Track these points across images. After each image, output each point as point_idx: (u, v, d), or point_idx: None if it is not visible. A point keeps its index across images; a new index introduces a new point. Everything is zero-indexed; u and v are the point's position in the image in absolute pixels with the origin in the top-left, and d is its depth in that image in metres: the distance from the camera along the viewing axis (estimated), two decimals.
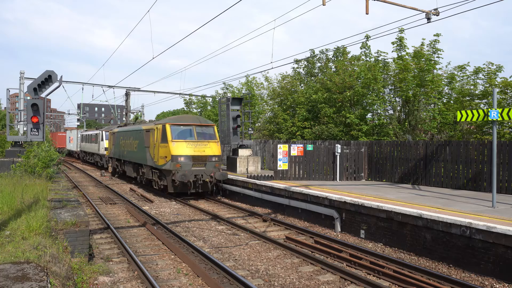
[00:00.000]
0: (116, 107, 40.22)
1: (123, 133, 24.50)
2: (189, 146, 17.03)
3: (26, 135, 8.95)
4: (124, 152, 23.70)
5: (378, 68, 23.04)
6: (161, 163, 17.37)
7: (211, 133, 18.13)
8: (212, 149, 17.48)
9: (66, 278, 5.97)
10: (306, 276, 7.92)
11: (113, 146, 27.05)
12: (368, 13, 10.02)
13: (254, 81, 36.35)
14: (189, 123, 17.84)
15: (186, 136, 17.39)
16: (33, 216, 7.84)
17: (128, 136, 23.05)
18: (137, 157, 21.03)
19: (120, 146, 24.70)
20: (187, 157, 16.76)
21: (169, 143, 16.84)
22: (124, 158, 23.87)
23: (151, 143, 18.61)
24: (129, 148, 22.68)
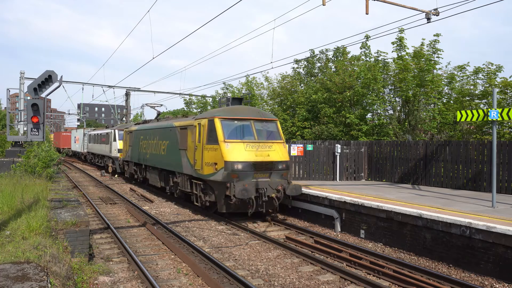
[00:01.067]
0: (116, 107, 40.25)
1: (145, 132, 20.30)
2: (249, 148, 12.41)
3: (26, 135, 8.94)
4: (146, 156, 19.54)
5: (378, 68, 23.04)
6: (207, 172, 12.71)
7: (273, 130, 13.51)
8: (278, 152, 12.83)
9: (66, 278, 5.98)
10: (306, 276, 7.93)
11: (129, 147, 23.00)
12: (368, 13, 10.03)
13: (254, 81, 36.37)
14: (247, 117, 13.13)
15: (243, 135, 12.85)
16: (33, 216, 7.85)
17: (152, 136, 18.89)
18: (166, 162, 16.74)
19: (140, 148, 20.65)
20: (247, 164, 12.09)
21: (221, 144, 12.22)
22: (146, 163, 19.65)
23: (190, 145, 14.23)
24: (153, 151, 18.48)
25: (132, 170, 22.98)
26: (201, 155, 13.07)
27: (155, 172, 18.76)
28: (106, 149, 30.07)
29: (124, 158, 24.69)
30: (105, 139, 30.82)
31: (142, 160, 20.36)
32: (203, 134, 13.16)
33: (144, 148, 19.92)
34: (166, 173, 17.30)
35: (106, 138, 30.33)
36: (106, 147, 30.11)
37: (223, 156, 11.98)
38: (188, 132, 14.47)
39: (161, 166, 17.43)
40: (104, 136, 31.18)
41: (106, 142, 30.42)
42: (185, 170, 14.54)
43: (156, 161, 18.09)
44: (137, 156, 21.34)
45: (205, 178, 12.87)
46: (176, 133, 15.79)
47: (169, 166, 16.30)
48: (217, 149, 12.32)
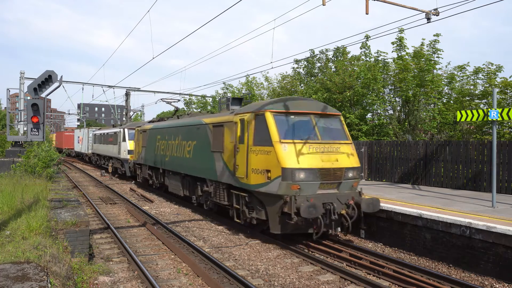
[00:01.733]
0: (116, 107, 40.24)
1: (163, 131, 17.55)
2: (313, 151, 9.65)
3: (26, 135, 8.94)
4: (165, 158, 16.79)
5: (378, 68, 23.05)
6: (254, 181, 9.92)
7: (338, 128, 10.76)
8: (348, 156, 10.09)
9: (66, 278, 5.98)
10: (306, 276, 7.93)
11: (143, 148, 20.22)
12: (368, 13, 10.02)
13: (254, 81, 36.39)
14: (306, 111, 10.40)
15: (303, 134, 10.00)
16: (33, 216, 7.85)
17: (173, 135, 16.22)
18: (192, 167, 14.02)
19: (157, 149, 17.87)
20: (312, 172, 9.36)
21: (276, 146, 9.45)
22: (165, 167, 16.92)
23: (227, 146, 11.43)
24: (174, 153, 15.78)
25: (146, 175, 20.06)
26: (246, 160, 10.28)
27: (177, 178, 15.87)
28: (114, 150, 27.01)
29: (135, 160, 21.89)
30: (112, 139, 27.75)
31: (160, 163, 17.53)
32: (248, 133, 10.38)
33: (162, 149, 17.20)
34: (192, 180, 14.47)
35: (114, 138, 27.30)
36: (114, 148, 27.04)
37: (280, 162, 9.25)
38: (225, 130, 11.65)
39: (185, 172, 14.69)
40: (112, 136, 27.98)
41: (114, 142, 27.30)
42: (221, 177, 11.76)
43: (178, 165, 15.31)
44: (152, 159, 18.57)
45: (251, 189, 10.12)
46: (206, 132, 12.99)
47: (197, 171, 13.61)
48: (270, 152, 9.56)
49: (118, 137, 26.22)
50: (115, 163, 27.40)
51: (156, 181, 18.92)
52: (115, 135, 27.19)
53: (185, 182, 15.18)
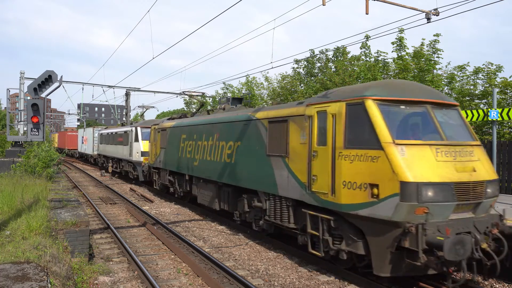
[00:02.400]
0: (116, 107, 40.20)
1: (190, 129, 14.47)
2: (442, 157, 6.83)
3: (26, 135, 8.94)
4: (194, 163, 13.77)
5: (378, 68, 23.05)
6: (348, 200, 7.15)
7: (460, 124, 7.87)
8: (483, 164, 7.23)
9: (66, 278, 5.98)
10: (306, 276, 7.93)
11: (161, 150, 17.26)
12: (368, 13, 10.02)
13: (254, 81, 36.37)
14: (420, 99, 7.44)
15: (422, 132, 7.38)
16: (33, 216, 7.85)
17: (205, 134, 13.11)
18: (235, 174, 11.11)
19: (182, 151, 14.93)
20: (445, 187, 6.55)
21: (388, 149, 6.66)
22: (194, 173, 13.94)
23: (295, 148, 8.69)
24: (207, 155, 12.80)
25: (165, 181, 17.02)
26: (331, 168, 7.48)
27: (210, 188, 12.78)
28: (124, 151, 24.06)
29: (152, 163, 18.86)
30: (122, 139, 24.78)
31: (186, 168, 14.53)
32: (335, 131, 7.56)
33: (189, 151, 14.19)
34: (233, 191, 11.45)
35: (125, 137, 24.27)
36: (124, 149, 24.10)
37: (397, 173, 6.42)
38: (291, 127, 8.84)
39: (223, 180, 11.62)
40: (122, 136, 25.05)
41: (124, 142, 24.41)
42: (284, 190, 8.93)
43: (212, 171, 12.22)
44: (175, 163, 15.60)
45: (341, 211, 7.29)
46: (258, 130, 10.08)
47: (243, 181, 10.63)
48: (377, 158, 6.74)
49: (129, 137, 23.27)
50: (126, 166, 24.54)
51: (180, 190, 15.84)
52: (125, 134, 24.26)
53: (222, 193, 11.98)
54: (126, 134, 24.22)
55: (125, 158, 24.11)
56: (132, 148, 22.64)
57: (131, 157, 22.70)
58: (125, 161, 24.57)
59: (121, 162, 25.92)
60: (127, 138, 23.94)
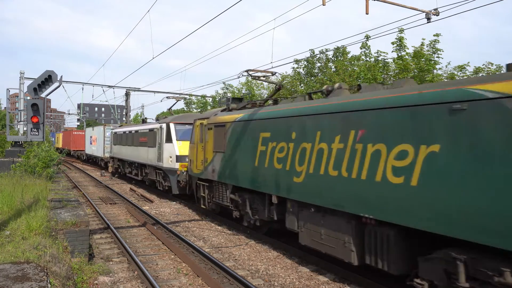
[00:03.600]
0: (116, 107, 40.20)
1: (282, 123, 9.20)
2: None
3: (26, 135, 8.95)
4: (292, 178, 8.60)
5: (378, 68, 23.04)
6: None
7: None
8: None
9: (66, 278, 5.98)
10: (306, 276, 7.93)
11: (216, 155, 12.16)
12: (368, 13, 10.03)
13: (254, 81, 36.37)
14: None
15: None
16: (33, 216, 7.85)
17: (320, 131, 7.94)
18: (421, 207, 5.79)
19: (262, 158, 9.78)
20: None
21: None
22: (293, 196, 8.70)
23: None
24: (328, 168, 7.63)
25: (224, 201, 11.93)
26: None
27: (337, 224, 7.57)
28: (150, 155, 19.07)
29: (196, 173, 13.77)
30: (147, 139, 19.73)
31: (271, 185, 9.40)
32: None
33: (280, 158, 9.03)
34: (405, 237, 6.41)
35: (150, 137, 19.24)
36: (150, 152, 19.06)
37: None
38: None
39: (383, 217, 6.51)
40: (146, 135, 20.00)
41: (149, 143, 19.32)
42: None
43: (345, 195, 7.21)
44: (245, 174, 10.50)
45: None
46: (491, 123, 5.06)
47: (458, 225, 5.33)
48: None
49: (158, 136, 18.17)
50: (151, 174, 19.39)
51: (254, 217, 10.54)
52: (151, 133, 19.20)
53: (372, 237, 6.85)
54: (152, 133, 19.03)
55: (151, 163, 18.91)
56: (162, 151, 17.34)
57: (160, 163, 17.47)
58: (151, 168, 19.32)
59: (144, 168, 20.73)
60: (153, 137, 18.73)
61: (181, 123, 17.39)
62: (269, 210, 9.79)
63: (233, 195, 11.39)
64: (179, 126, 17.30)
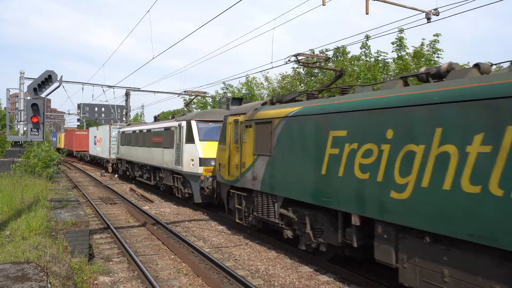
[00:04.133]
0: (116, 107, 40.21)
1: (388, 118, 6.34)
2: None
3: (26, 135, 8.96)
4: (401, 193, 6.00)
5: (378, 68, 23.06)
6: None
7: None
8: None
9: (66, 278, 5.98)
10: (306, 276, 7.93)
11: (258, 159, 9.92)
12: (368, 13, 10.03)
13: (254, 81, 36.38)
14: None
15: None
16: (33, 216, 7.86)
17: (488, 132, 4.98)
18: None
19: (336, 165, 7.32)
20: None
21: None
22: (395, 220, 6.10)
23: None
24: None
25: (271, 216, 9.52)
26: None
27: (482, 262, 5.10)
28: (166, 157, 16.80)
29: (229, 181, 11.42)
30: (162, 139, 17.54)
31: (349, 202, 7.09)
32: None
33: (369, 165, 6.67)
34: None
35: (167, 136, 17.01)
36: (166, 153, 16.80)
37: None
38: None
39: None
40: (161, 134, 17.75)
41: (165, 144, 17.10)
42: None
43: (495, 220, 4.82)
44: (308, 186, 8.12)
45: None
46: None
47: None
48: None
49: (176, 136, 15.78)
50: (167, 179, 17.04)
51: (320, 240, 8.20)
52: (167, 132, 16.98)
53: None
54: (168, 132, 16.74)
55: (167, 167, 16.60)
56: (182, 153, 14.93)
57: (179, 167, 15.15)
58: (167, 172, 16.90)
59: (158, 172, 18.36)
60: (170, 137, 16.46)
61: (205, 121, 14.80)
62: (343, 233, 7.43)
63: (284, 210, 9.00)
64: (202, 124, 14.72)
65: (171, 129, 16.44)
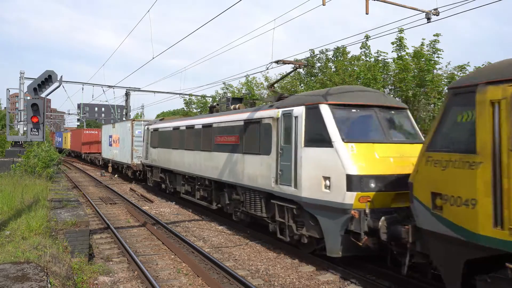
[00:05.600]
0: (116, 107, 40.15)
1: None
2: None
3: (26, 135, 8.96)
4: None
5: (378, 68, 23.05)
6: None
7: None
8: None
9: (66, 278, 5.98)
10: (306, 276, 7.93)
11: None
12: (368, 13, 10.01)
13: (254, 81, 36.37)
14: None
15: None
16: (33, 216, 7.86)
17: None
18: None
19: None
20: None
21: None
22: None
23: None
24: None
25: None
26: None
27: None
28: (253, 169, 10.33)
29: None
30: (240, 139, 11.18)
31: None
32: None
33: None
34: None
35: (252, 135, 10.63)
36: (253, 163, 10.39)
37: None
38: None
39: None
40: (239, 131, 11.30)
41: (249, 147, 10.68)
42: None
43: None
44: None
45: None
46: None
47: None
48: None
49: (277, 134, 9.46)
50: (254, 205, 10.45)
51: None
52: (252, 128, 10.66)
53: None
54: (257, 128, 10.37)
55: (255, 186, 10.25)
56: (299, 165, 8.56)
57: (290, 188, 8.78)
58: (254, 194, 10.44)
59: (230, 190, 11.87)
60: (262, 136, 10.08)
61: (351, 105, 8.38)
62: None
63: None
64: (345, 111, 8.31)
65: (263, 123, 9.93)
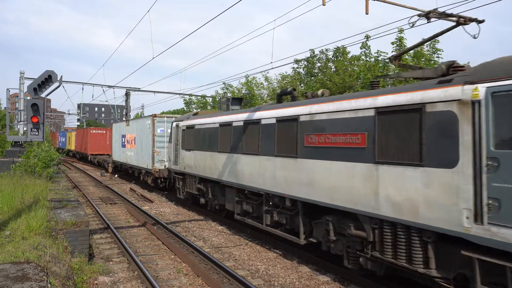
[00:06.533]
0: (116, 107, 40.14)
1: None
2: None
3: (26, 135, 8.97)
4: None
5: (378, 68, 23.05)
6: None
7: None
8: None
9: (66, 278, 5.98)
10: (306, 276, 7.93)
11: None
12: (368, 13, 10.01)
13: (254, 81, 36.37)
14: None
15: None
16: (33, 216, 7.86)
17: None
18: None
19: None
20: None
21: None
22: None
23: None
24: None
25: None
26: None
27: None
28: (446, 195, 5.36)
29: None
30: (365, 141, 6.76)
31: None
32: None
33: None
34: None
35: (436, 126, 5.63)
36: (433, 181, 5.56)
37: None
38: None
39: None
40: (360, 127, 6.90)
41: (432, 158, 5.63)
42: None
43: None
44: None
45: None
46: None
47: None
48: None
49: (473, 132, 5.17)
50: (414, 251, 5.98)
51: None
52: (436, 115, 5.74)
53: None
54: (429, 118, 5.86)
55: (425, 223, 5.73)
56: None
57: None
58: (409, 232, 6.15)
59: (345, 221, 7.41)
60: (447, 134, 5.55)
61: None
62: None
63: None
64: None
65: (431, 112, 5.96)
